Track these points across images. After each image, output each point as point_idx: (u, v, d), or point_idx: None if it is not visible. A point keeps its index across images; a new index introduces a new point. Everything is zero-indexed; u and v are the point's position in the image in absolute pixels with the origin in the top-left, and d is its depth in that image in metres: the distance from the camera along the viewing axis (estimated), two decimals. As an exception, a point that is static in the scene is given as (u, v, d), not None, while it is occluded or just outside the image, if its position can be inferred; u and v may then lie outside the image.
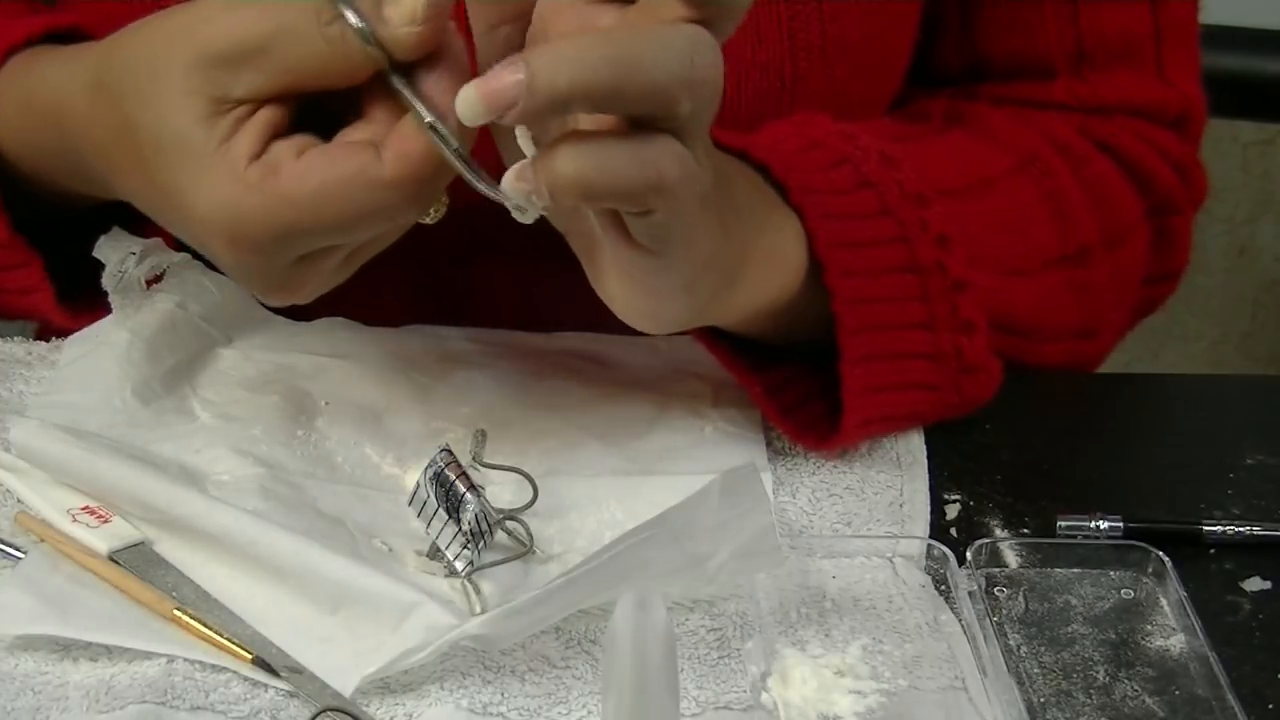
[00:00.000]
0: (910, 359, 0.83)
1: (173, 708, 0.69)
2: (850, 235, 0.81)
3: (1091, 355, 0.97)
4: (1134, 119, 0.97)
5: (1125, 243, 0.96)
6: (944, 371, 0.84)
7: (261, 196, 0.69)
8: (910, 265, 0.82)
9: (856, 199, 0.82)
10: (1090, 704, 0.71)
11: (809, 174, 0.81)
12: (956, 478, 0.84)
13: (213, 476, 0.80)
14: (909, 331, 0.82)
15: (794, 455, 0.84)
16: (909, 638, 0.74)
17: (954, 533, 0.81)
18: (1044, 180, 0.93)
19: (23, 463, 0.80)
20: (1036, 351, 0.92)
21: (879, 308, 0.81)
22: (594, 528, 0.79)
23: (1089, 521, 0.80)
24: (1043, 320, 0.92)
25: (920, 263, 0.82)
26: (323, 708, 0.69)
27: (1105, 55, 0.96)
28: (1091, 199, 0.94)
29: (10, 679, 0.70)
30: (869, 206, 0.82)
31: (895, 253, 0.82)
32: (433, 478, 0.75)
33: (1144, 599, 0.76)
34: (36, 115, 0.79)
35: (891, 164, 0.84)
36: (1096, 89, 0.97)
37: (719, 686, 0.71)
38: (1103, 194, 0.94)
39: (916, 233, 0.82)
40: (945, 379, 0.84)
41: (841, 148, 0.83)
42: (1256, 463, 0.86)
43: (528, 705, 0.70)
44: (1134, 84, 0.97)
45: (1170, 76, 0.98)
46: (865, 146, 0.84)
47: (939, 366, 0.84)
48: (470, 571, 0.75)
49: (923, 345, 0.83)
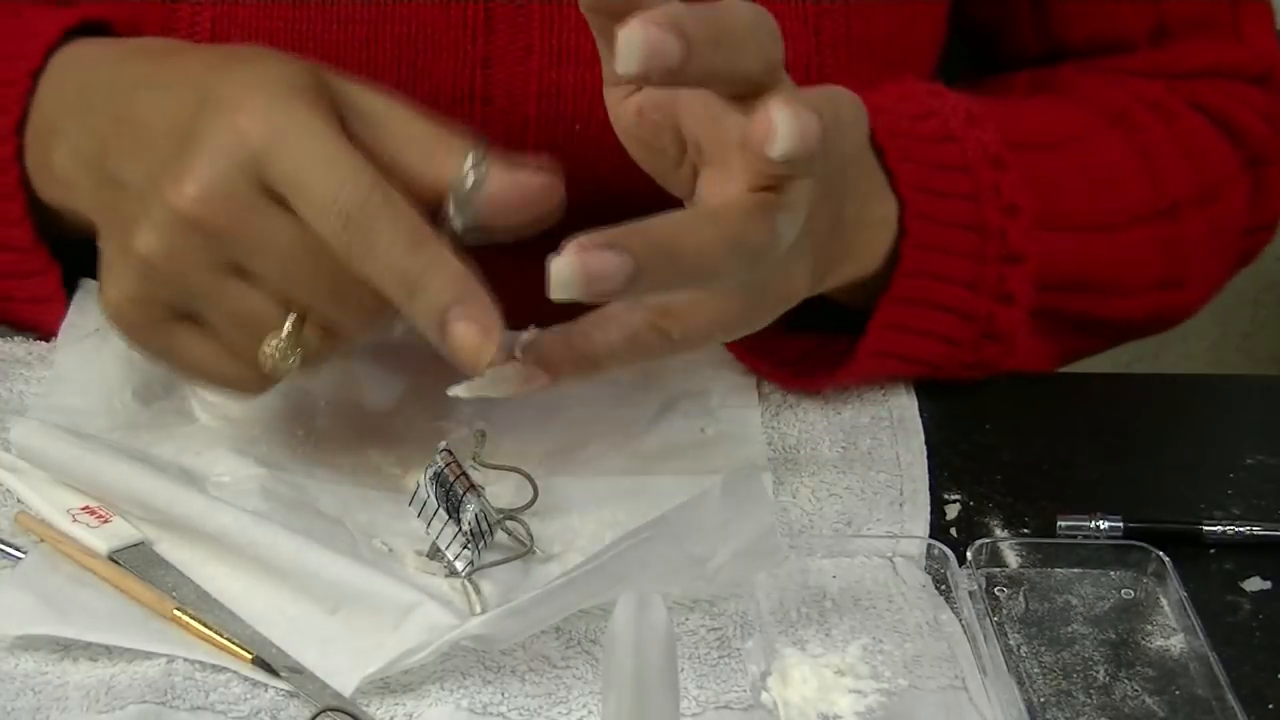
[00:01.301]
0: (944, 311, 0.84)
1: (173, 708, 0.69)
2: (931, 182, 0.82)
3: (1180, 306, 0.97)
4: (1218, 79, 0.98)
5: (1220, 197, 0.96)
6: (970, 331, 0.85)
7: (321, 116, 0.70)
8: (975, 224, 0.83)
9: (940, 150, 0.83)
10: (1090, 704, 0.71)
11: (897, 119, 0.83)
12: (956, 478, 0.84)
13: (213, 477, 0.80)
14: (953, 287, 0.83)
15: (794, 455, 0.84)
16: (909, 637, 0.74)
17: (954, 533, 0.80)
18: (1135, 136, 0.93)
19: (23, 463, 0.80)
20: (1118, 306, 0.92)
21: (937, 257, 0.82)
22: (594, 528, 0.79)
23: (1089, 521, 0.80)
24: (1125, 276, 0.92)
25: (985, 224, 0.83)
26: (323, 708, 0.69)
27: (1184, 26, 0.97)
28: (1184, 154, 0.94)
29: (10, 679, 0.70)
30: (950, 159, 0.83)
31: (965, 209, 0.83)
32: (433, 478, 0.75)
33: (1144, 599, 0.76)
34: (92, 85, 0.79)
35: (976, 122, 0.85)
36: (1178, 57, 0.97)
37: (719, 686, 0.71)
38: (1195, 148, 0.95)
39: (989, 195, 0.83)
40: (968, 338, 0.85)
41: (929, 101, 0.85)
42: (1256, 463, 0.86)
43: (528, 705, 0.70)
44: (1214, 49, 0.98)
45: (1247, 36, 0.99)
46: (953, 103, 0.85)
47: (967, 325, 0.84)
48: (470, 571, 0.75)
49: (960, 302, 0.84)
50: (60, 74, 0.81)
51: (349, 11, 0.85)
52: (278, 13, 0.85)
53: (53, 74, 0.81)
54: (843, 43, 0.89)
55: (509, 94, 0.75)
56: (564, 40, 0.86)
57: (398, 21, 0.85)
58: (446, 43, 0.83)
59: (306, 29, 0.85)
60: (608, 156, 0.87)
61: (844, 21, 0.89)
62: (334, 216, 0.69)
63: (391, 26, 0.78)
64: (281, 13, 0.85)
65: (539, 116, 0.86)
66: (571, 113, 0.86)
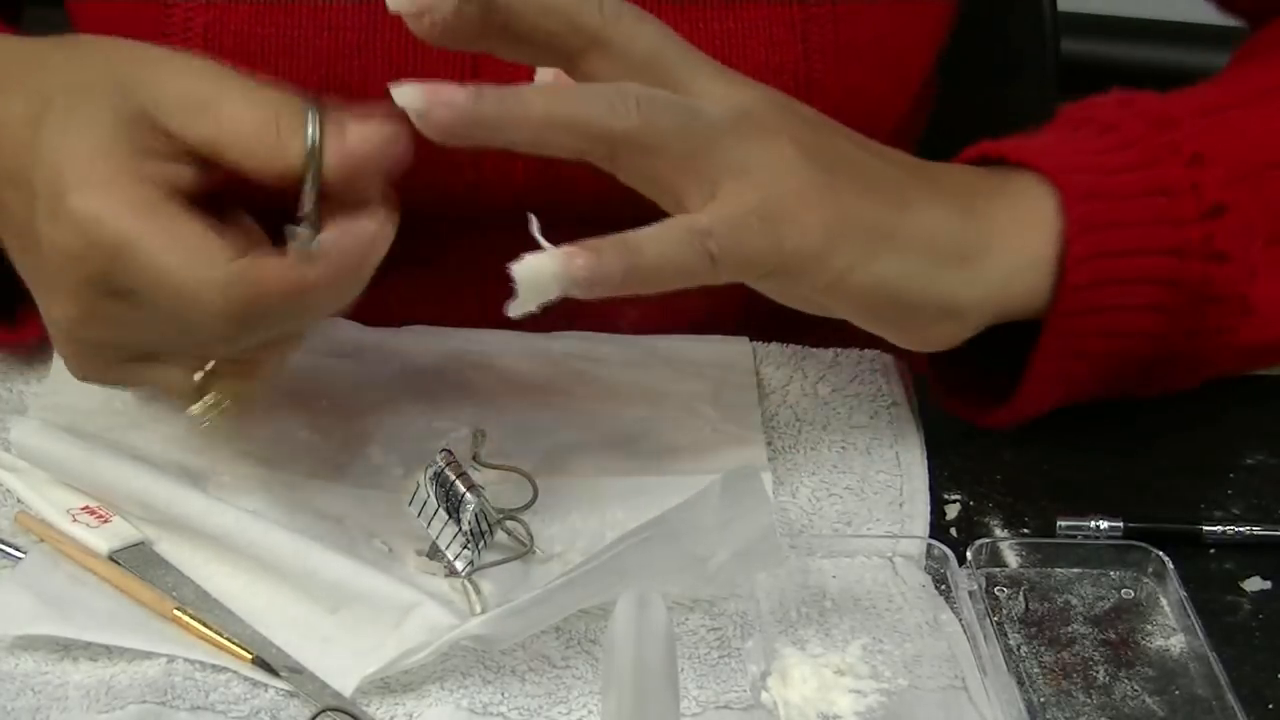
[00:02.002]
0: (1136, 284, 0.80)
1: (173, 708, 0.69)
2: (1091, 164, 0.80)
3: None
4: None
5: None
6: (1184, 299, 0.81)
7: (131, 213, 0.69)
8: (1157, 188, 0.80)
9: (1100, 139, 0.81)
10: (1090, 704, 0.71)
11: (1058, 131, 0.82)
12: (956, 478, 0.84)
13: (213, 477, 0.80)
14: (1148, 258, 0.80)
15: (794, 455, 0.84)
16: (909, 637, 0.74)
17: (954, 533, 0.81)
18: None
19: (23, 463, 0.80)
20: None
21: (1113, 233, 0.80)
22: (594, 528, 0.79)
23: (1089, 521, 0.80)
24: None
25: (1169, 185, 0.80)
26: (323, 708, 0.69)
27: None
28: None
29: (10, 679, 0.70)
30: (1110, 143, 0.81)
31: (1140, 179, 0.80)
32: (433, 478, 0.75)
33: (1144, 599, 0.76)
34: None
35: (1126, 102, 0.83)
36: None
37: (719, 686, 0.71)
38: None
39: (1166, 154, 0.81)
40: (1178, 305, 0.81)
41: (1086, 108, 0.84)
42: (1256, 463, 0.86)
43: (528, 705, 0.70)
44: None
45: None
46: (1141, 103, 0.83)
47: (1173, 291, 0.81)
48: (470, 571, 0.75)
49: (1158, 270, 0.80)
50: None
51: (340, 18, 0.85)
52: (270, 18, 0.85)
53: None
54: (830, 47, 0.89)
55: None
56: None
57: (389, 29, 0.85)
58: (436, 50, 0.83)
59: (298, 34, 0.85)
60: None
61: (831, 26, 0.89)
62: (175, 310, 0.70)
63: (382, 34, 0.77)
64: (274, 18, 0.85)
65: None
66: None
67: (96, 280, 0.70)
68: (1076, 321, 0.80)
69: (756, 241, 0.71)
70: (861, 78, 0.90)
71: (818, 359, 0.90)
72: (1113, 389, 0.85)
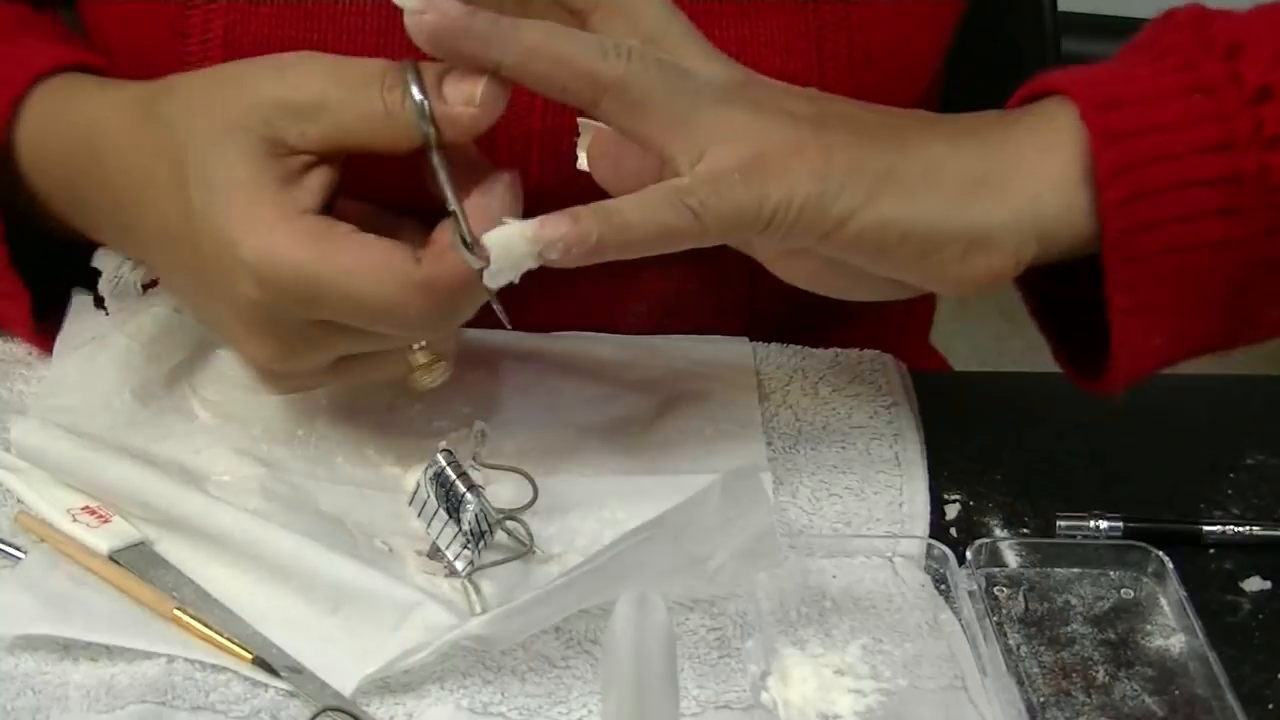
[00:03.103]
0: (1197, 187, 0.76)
1: (173, 708, 0.69)
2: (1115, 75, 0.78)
3: None
4: None
5: None
6: (1250, 195, 0.76)
7: (305, 249, 0.70)
8: (1194, 87, 0.76)
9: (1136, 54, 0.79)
10: (1090, 704, 0.71)
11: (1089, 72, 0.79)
12: (956, 478, 0.84)
13: (213, 476, 0.80)
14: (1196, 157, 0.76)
15: (794, 455, 0.84)
16: (909, 637, 0.74)
17: (954, 533, 0.81)
18: None
19: (23, 463, 0.80)
20: None
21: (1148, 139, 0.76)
22: (594, 528, 0.79)
23: (1089, 521, 0.80)
24: None
25: (1204, 82, 0.76)
26: (323, 708, 0.69)
27: None
28: None
29: (10, 679, 0.70)
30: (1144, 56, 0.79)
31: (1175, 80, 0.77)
32: (433, 478, 0.75)
33: (1144, 599, 0.76)
34: (67, 138, 0.79)
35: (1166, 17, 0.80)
36: None
37: (719, 686, 0.71)
38: None
39: (1199, 54, 0.77)
40: (1253, 202, 0.76)
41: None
42: (1256, 463, 0.86)
43: (528, 705, 0.70)
44: None
45: None
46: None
47: (1241, 190, 0.76)
48: (470, 571, 0.75)
49: (1214, 170, 0.76)
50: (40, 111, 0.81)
51: (359, 21, 0.85)
52: (289, 20, 0.85)
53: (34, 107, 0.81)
54: (844, 55, 0.88)
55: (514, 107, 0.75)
56: None
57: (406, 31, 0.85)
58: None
59: (317, 37, 0.85)
60: None
61: (845, 34, 0.88)
62: (380, 328, 0.73)
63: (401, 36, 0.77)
64: (293, 20, 0.85)
65: (543, 131, 0.86)
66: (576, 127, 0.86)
67: (291, 319, 0.72)
68: (1135, 241, 0.75)
69: (739, 195, 0.70)
70: (875, 85, 0.89)
71: (818, 359, 0.90)
72: (1220, 322, 0.79)
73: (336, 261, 0.70)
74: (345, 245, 0.71)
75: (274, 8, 0.85)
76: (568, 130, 0.79)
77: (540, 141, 0.86)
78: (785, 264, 0.76)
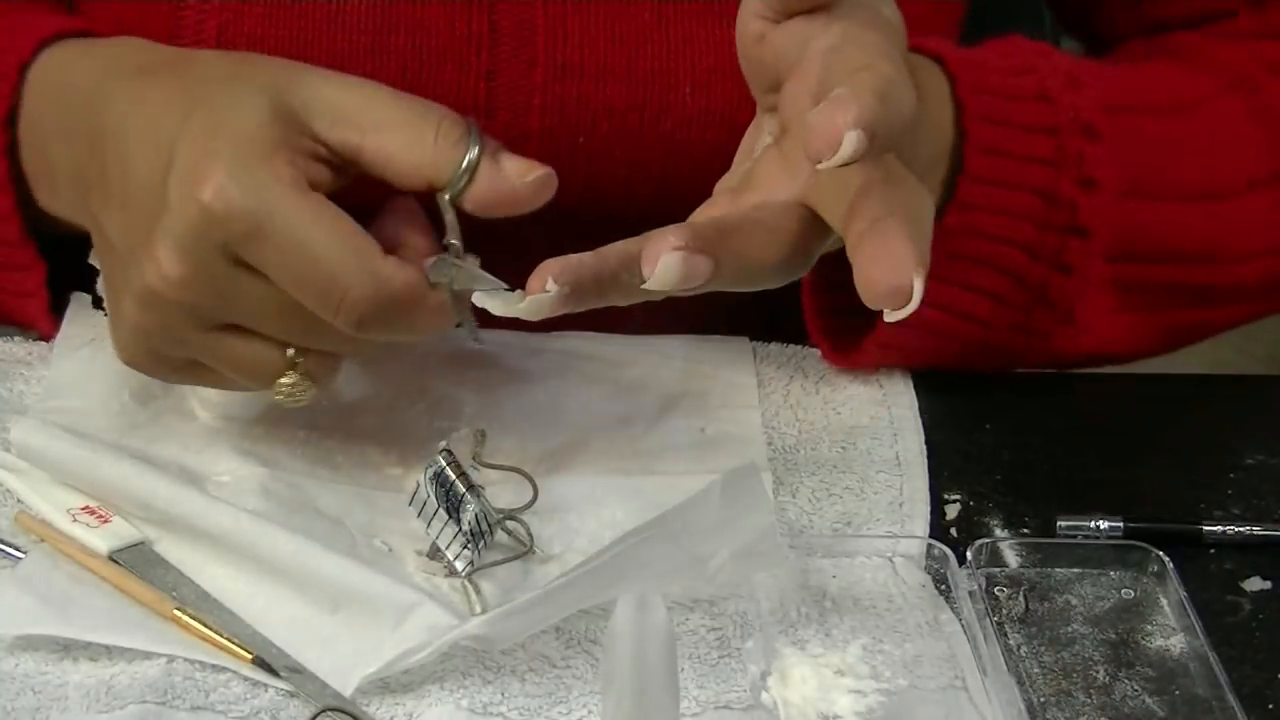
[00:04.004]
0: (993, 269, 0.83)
1: (173, 708, 0.69)
2: (1006, 143, 0.81)
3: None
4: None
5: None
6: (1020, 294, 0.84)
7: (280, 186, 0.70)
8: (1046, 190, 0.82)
9: (1028, 109, 0.82)
10: (1090, 704, 0.71)
11: (989, 74, 0.82)
12: (956, 478, 0.84)
13: (213, 476, 0.80)
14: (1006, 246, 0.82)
15: (794, 455, 0.84)
16: (909, 637, 0.74)
17: (954, 533, 0.81)
18: (1255, 98, 0.91)
19: (23, 463, 0.80)
20: (1228, 273, 0.90)
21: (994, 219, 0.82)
22: (594, 528, 0.79)
23: (1089, 521, 0.80)
24: (1236, 242, 0.90)
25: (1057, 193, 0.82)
26: (323, 708, 0.69)
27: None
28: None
29: (10, 679, 0.70)
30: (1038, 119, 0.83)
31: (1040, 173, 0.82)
32: (433, 478, 0.75)
33: (1144, 599, 0.76)
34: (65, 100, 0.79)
35: (1077, 85, 0.84)
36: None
37: (719, 686, 0.71)
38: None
39: (1070, 163, 0.82)
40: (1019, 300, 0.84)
41: (1033, 59, 0.84)
42: (1256, 463, 0.86)
43: (528, 705, 0.70)
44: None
45: None
46: (1056, 63, 0.84)
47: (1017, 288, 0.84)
48: (470, 571, 0.75)
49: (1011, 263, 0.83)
50: (43, 76, 0.81)
51: (354, 20, 0.85)
52: (283, 19, 0.85)
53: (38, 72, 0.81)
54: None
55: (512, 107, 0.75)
56: (568, 54, 0.86)
57: (403, 31, 0.85)
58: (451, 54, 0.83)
59: (311, 37, 0.85)
60: (609, 170, 0.87)
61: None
62: (310, 294, 0.71)
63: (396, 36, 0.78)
64: (287, 19, 0.85)
65: (541, 130, 0.86)
66: (574, 127, 0.86)
67: (228, 244, 0.70)
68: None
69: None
70: None
71: (818, 359, 0.90)
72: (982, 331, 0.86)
73: (303, 207, 0.70)
74: (320, 204, 0.71)
75: (266, 7, 0.85)
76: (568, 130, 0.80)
77: (540, 141, 0.86)
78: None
